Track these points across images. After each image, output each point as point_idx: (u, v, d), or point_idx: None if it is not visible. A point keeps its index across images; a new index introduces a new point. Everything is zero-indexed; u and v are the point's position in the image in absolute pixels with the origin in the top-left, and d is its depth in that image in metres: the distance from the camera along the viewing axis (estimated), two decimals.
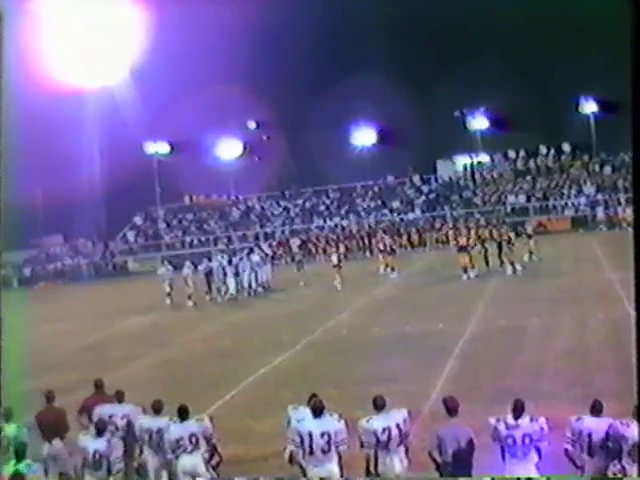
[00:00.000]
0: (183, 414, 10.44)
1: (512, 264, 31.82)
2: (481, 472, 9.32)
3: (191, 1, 43.93)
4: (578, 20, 46.36)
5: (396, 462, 9.54)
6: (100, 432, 10.29)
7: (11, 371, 14.28)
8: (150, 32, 47.02)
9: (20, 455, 10.26)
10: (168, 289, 34.01)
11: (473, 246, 32.74)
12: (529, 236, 35.49)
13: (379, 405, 9.75)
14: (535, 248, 34.92)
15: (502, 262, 32.41)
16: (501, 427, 9.19)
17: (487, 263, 32.95)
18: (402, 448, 9.62)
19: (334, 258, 34.65)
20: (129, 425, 11.14)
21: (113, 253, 64.26)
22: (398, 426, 9.58)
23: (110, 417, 11.18)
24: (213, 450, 10.37)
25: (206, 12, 44.35)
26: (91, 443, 10.20)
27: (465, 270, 31.81)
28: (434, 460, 9.31)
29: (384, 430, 9.49)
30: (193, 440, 10.19)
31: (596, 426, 8.91)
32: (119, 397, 11.69)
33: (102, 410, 11.40)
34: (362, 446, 9.60)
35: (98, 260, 63.30)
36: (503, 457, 9.14)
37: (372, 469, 9.55)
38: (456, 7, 47.98)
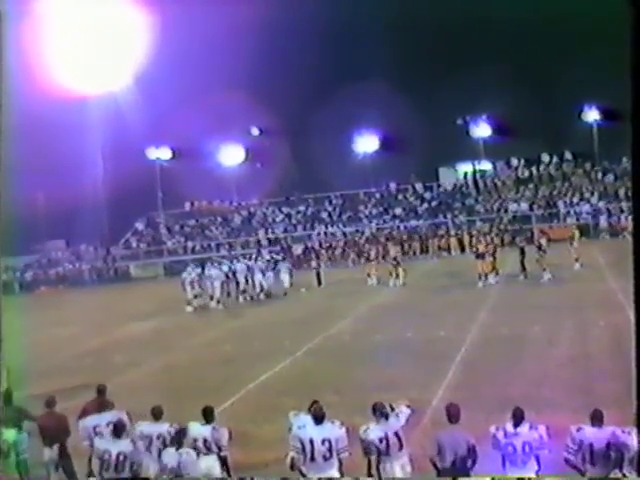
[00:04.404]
0: (207, 416, 10.51)
1: (543, 270, 31.41)
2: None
3: (194, 8, 43.97)
4: (581, 28, 46.41)
5: (397, 468, 9.59)
6: (119, 434, 10.24)
7: (12, 376, 14.32)
8: (153, 38, 47.14)
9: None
10: (219, 292, 34.30)
11: (492, 252, 32.67)
12: (571, 243, 35.24)
13: (377, 412, 9.76)
14: (579, 254, 34.75)
15: (524, 269, 32.39)
16: (500, 435, 9.19)
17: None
18: (405, 452, 9.67)
19: (398, 257, 35.55)
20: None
21: (115, 258, 64.26)
22: (397, 433, 9.63)
23: (95, 428, 11.13)
24: (222, 462, 10.33)
25: (209, 18, 44.48)
26: (113, 445, 10.09)
27: (480, 277, 31.82)
28: (435, 466, 9.32)
29: (381, 440, 9.58)
30: (207, 444, 10.22)
31: (597, 436, 8.87)
32: (101, 407, 11.61)
33: (85, 422, 11.36)
34: (365, 453, 9.67)
35: (100, 265, 63.30)
36: (503, 465, 9.14)
37: (374, 472, 9.58)
38: (458, 15, 48.02)
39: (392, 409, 9.93)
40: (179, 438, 9.87)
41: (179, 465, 9.56)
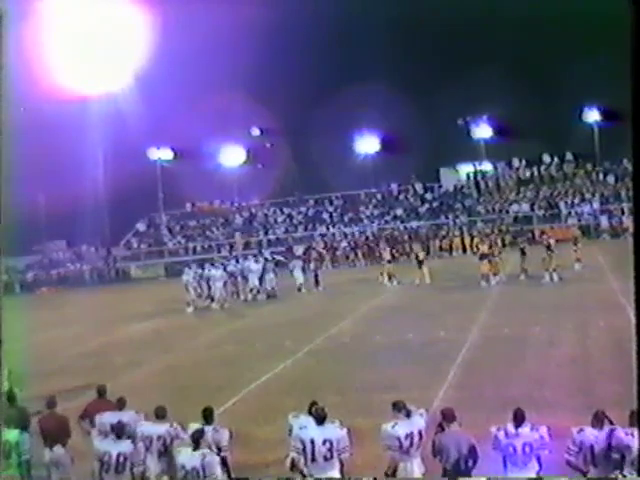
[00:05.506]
0: (207, 417, 10.47)
1: (553, 271, 31.12)
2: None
3: (195, 8, 43.96)
4: (582, 28, 46.39)
5: (415, 467, 9.60)
6: (119, 436, 10.21)
7: (13, 376, 14.31)
8: (154, 38, 47.11)
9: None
10: (220, 293, 34.30)
11: (497, 254, 32.60)
12: (575, 244, 34.92)
13: (401, 410, 9.74)
14: (581, 255, 34.50)
15: (525, 269, 32.33)
16: (501, 436, 9.19)
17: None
18: (419, 452, 9.67)
19: (421, 255, 35.64)
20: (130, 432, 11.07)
21: (116, 259, 64.33)
22: (420, 432, 9.65)
23: (111, 425, 11.12)
24: (223, 462, 10.27)
25: (210, 19, 44.47)
26: (113, 446, 10.06)
27: (483, 278, 31.83)
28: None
29: (407, 436, 9.55)
30: (207, 445, 10.15)
31: (598, 437, 8.85)
32: (120, 404, 11.64)
33: (103, 418, 11.36)
34: (387, 448, 9.65)
35: (101, 266, 63.36)
36: (505, 466, 9.13)
37: (390, 473, 9.55)
38: (460, 15, 48.00)
39: None
40: (197, 439, 9.80)
41: (202, 466, 9.50)
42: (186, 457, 9.58)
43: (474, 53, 52.97)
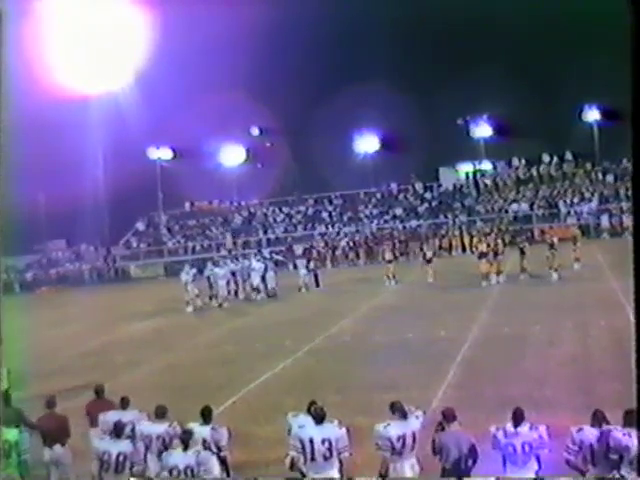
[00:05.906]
0: (206, 416, 10.49)
1: (555, 270, 31.25)
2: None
3: (195, 8, 43.97)
4: (582, 28, 46.40)
5: (407, 468, 9.56)
6: (119, 435, 10.22)
7: (12, 376, 14.32)
8: (154, 38, 47.14)
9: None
10: (222, 291, 34.38)
11: (498, 253, 32.55)
12: (574, 243, 34.61)
13: (397, 411, 9.72)
14: (580, 254, 34.34)
15: (524, 269, 32.33)
16: (500, 435, 9.19)
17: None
18: (414, 453, 9.65)
19: (429, 254, 35.75)
20: (133, 431, 11.07)
21: (115, 258, 64.30)
22: (414, 434, 9.60)
23: (115, 424, 11.11)
24: (222, 461, 10.26)
25: (210, 19, 44.49)
26: (113, 446, 10.06)
27: (483, 277, 31.81)
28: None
29: (399, 438, 9.51)
30: (206, 444, 10.15)
31: (597, 436, 8.85)
32: (124, 403, 11.64)
33: (107, 417, 11.36)
34: (378, 448, 9.62)
35: (100, 265, 63.35)
36: (504, 465, 9.13)
37: (382, 472, 9.53)
38: (459, 15, 48.00)
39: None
40: (186, 439, 9.79)
41: (198, 463, 9.48)
42: (179, 457, 9.59)
43: (474, 53, 52.98)
